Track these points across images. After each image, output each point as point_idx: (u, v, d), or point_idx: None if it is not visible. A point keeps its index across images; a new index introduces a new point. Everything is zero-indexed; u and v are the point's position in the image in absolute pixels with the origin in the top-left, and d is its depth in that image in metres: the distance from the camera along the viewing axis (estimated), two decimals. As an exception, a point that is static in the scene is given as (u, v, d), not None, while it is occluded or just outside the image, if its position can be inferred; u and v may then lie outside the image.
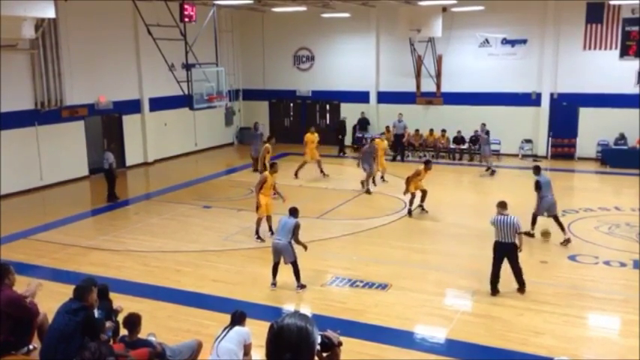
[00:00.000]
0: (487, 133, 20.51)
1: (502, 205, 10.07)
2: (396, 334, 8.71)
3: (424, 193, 15.12)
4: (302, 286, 10.27)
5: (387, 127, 23.56)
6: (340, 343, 2.66)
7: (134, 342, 6.78)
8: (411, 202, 15.09)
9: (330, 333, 2.64)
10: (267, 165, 18.21)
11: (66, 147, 18.90)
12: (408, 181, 14.92)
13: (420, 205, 15.22)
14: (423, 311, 9.64)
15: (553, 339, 8.48)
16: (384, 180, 18.60)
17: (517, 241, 9.84)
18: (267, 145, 17.68)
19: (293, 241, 10.16)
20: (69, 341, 6.27)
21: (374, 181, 18.01)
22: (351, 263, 11.72)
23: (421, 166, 15.13)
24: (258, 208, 12.97)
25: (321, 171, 19.27)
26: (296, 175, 18.90)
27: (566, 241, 12.50)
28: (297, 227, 10.09)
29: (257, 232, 13.00)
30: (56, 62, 18.27)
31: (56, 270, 11.56)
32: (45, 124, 18.29)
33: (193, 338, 7.53)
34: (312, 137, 19.42)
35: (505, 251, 9.87)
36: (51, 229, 14.19)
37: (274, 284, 10.37)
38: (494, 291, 9.93)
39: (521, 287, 9.98)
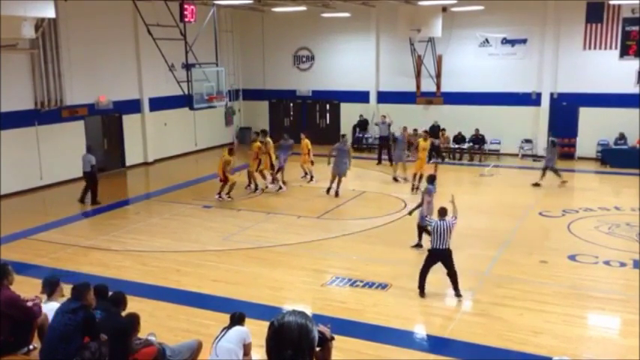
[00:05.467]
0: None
1: (442, 212, 9.86)
2: (396, 334, 8.70)
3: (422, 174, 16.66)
4: None
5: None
6: (332, 338, 2.67)
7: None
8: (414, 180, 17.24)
9: (322, 327, 2.65)
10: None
11: (66, 147, 18.85)
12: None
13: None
14: (423, 311, 9.64)
15: (553, 339, 8.47)
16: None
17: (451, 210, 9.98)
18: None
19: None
20: (69, 341, 6.28)
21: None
22: (351, 263, 11.71)
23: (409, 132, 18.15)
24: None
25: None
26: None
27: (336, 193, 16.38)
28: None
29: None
30: (56, 62, 18.25)
31: (56, 270, 11.53)
32: (45, 124, 18.28)
33: (193, 338, 7.52)
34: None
35: (440, 257, 9.77)
36: (51, 229, 14.18)
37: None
38: (423, 293, 9.87)
39: (458, 292, 9.80)
